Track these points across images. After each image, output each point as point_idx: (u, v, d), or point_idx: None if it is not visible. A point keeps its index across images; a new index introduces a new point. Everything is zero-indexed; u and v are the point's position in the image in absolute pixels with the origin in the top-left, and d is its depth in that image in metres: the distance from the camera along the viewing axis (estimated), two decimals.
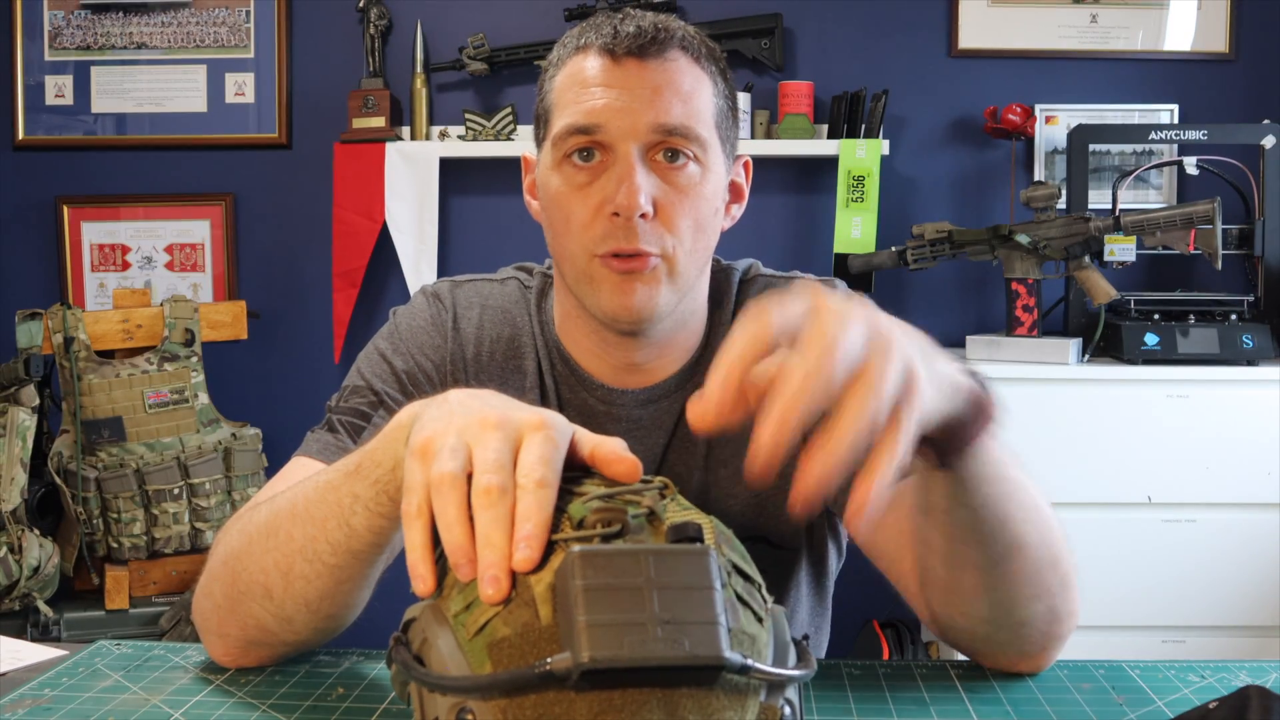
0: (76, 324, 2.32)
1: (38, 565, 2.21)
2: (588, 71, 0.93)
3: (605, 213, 0.92)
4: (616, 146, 0.92)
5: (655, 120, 0.91)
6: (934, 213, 2.74)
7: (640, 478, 0.59)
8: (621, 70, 0.92)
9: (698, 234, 0.95)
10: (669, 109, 0.91)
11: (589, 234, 0.93)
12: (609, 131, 0.91)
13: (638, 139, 0.91)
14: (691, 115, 0.92)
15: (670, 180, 0.93)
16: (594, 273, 0.93)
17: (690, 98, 0.93)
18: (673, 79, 0.92)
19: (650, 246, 0.92)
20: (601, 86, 0.92)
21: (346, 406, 1.00)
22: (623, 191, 0.90)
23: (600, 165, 0.93)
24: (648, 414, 1.02)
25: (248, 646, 0.82)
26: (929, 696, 0.80)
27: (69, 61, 2.79)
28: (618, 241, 0.91)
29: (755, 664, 0.51)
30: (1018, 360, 2.37)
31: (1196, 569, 2.27)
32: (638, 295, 0.93)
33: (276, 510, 0.77)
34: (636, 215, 0.90)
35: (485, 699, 0.51)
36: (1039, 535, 0.77)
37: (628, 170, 0.91)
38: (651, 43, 0.92)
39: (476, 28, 2.70)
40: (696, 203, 0.94)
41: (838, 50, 2.74)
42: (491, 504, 0.55)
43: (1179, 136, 2.51)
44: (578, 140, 0.92)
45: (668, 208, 0.92)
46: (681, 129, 0.92)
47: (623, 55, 0.92)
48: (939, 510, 0.74)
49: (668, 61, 0.93)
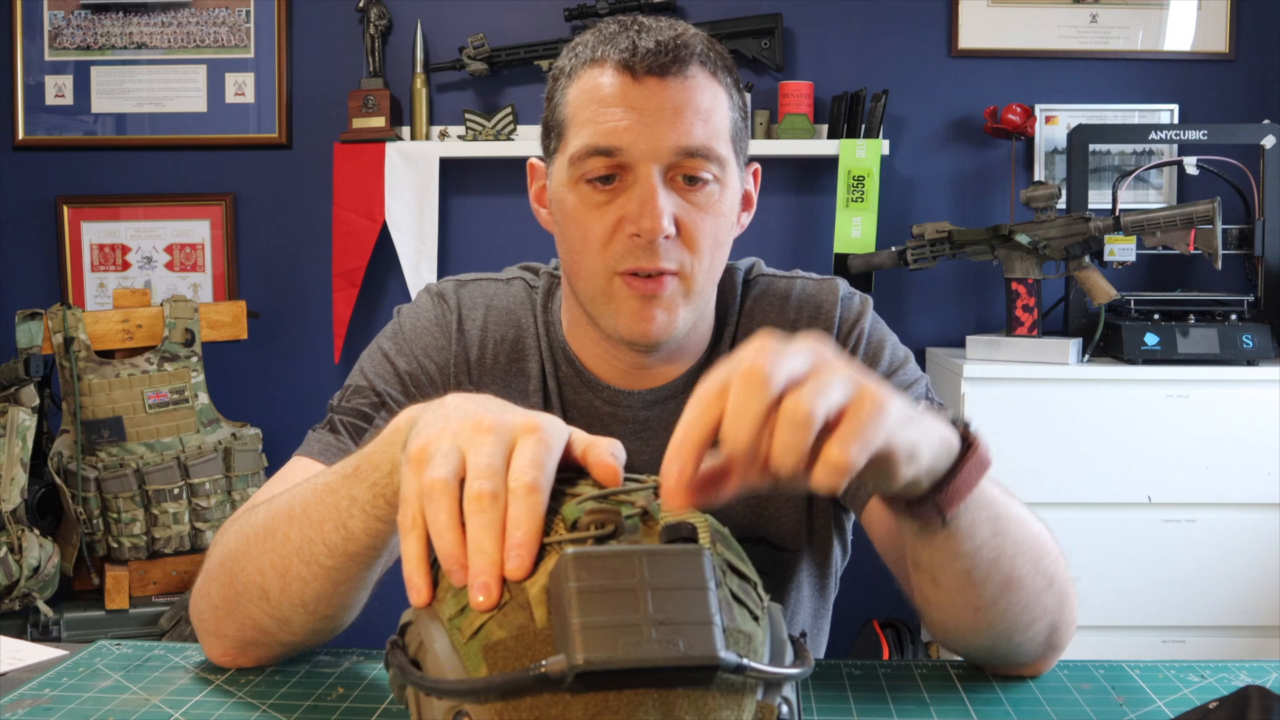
0: (76, 324, 2.32)
1: (38, 565, 2.21)
2: (606, 89, 0.91)
3: (625, 231, 0.91)
4: (638, 168, 0.90)
5: (678, 142, 0.90)
6: (934, 213, 2.74)
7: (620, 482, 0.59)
8: (642, 89, 0.90)
9: (716, 250, 0.95)
10: (691, 130, 0.90)
11: (609, 252, 0.92)
12: (630, 153, 0.90)
13: (659, 160, 0.90)
14: (712, 135, 0.91)
15: (690, 199, 0.92)
16: (613, 292, 0.93)
17: (710, 116, 0.92)
18: (692, 98, 0.91)
19: (670, 264, 0.91)
20: (621, 107, 0.90)
21: (348, 407, 0.99)
22: (646, 214, 0.89)
23: (619, 185, 0.92)
24: (654, 415, 1.02)
25: (245, 647, 0.82)
26: (929, 696, 0.80)
27: (69, 61, 2.79)
28: (638, 260, 0.91)
29: (751, 663, 0.51)
30: (1018, 360, 2.37)
31: (1196, 569, 2.27)
32: (656, 321, 0.92)
33: (274, 511, 0.77)
34: (660, 237, 0.90)
35: (481, 702, 0.51)
36: (1033, 564, 0.77)
37: (650, 192, 0.90)
38: (672, 61, 0.90)
39: (476, 28, 2.70)
40: (716, 220, 0.93)
41: (838, 50, 2.74)
42: (483, 510, 0.55)
43: (1179, 136, 2.51)
44: (598, 162, 0.91)
45: (689, 227, 0.92)
46: (703, 150, 0.91)
47: (643, 73, 0.90)
48: (935, 565, 0.75)
49: (687, 79, 0.91)
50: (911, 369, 1.03)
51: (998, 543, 0.73)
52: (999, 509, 0.74)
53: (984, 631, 0.79)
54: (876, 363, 1.01)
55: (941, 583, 0.76)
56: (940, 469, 0.67)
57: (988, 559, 0.73)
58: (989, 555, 0.73)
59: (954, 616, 0.79)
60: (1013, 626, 0.78)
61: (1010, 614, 0.77)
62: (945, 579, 0.75)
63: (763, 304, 1.04)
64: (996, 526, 0.73)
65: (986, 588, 0.75)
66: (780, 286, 1.05)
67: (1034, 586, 0.77)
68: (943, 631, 0.82)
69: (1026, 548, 0.76)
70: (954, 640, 0.82)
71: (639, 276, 0.92)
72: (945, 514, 0.68)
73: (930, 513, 0.68)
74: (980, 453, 0.68)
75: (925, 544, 0.73)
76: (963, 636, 0.81)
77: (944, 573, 0.75)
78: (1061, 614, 0.81)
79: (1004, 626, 0.78)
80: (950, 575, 0.74)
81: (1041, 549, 0.78)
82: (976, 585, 0.75)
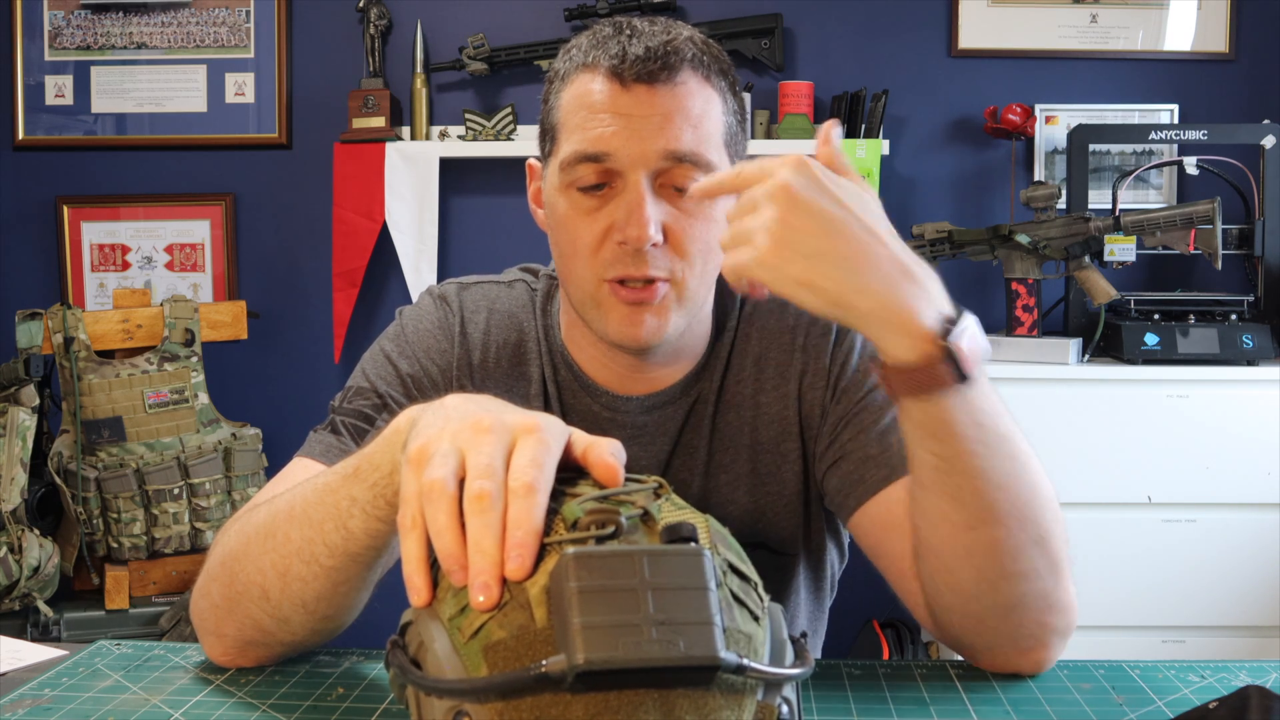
0: (76, 324, 2.32)
1: (38, 565, 2.21)
2: (595, 96, 0.91)
3: (614, 238, 0.91)
4: (626, 174, 0.90)
5: (665, 148, 0.89)
6: (934, 213, 2.74)
7: (620, 483, 0.59)
8: (630, 96, 0.90)
9: (708, 257, 0.93)
10: (679, 136, 0.90)
11: (597, 259, 0.92)
12: (618, 159, 0.90)
13: (647, 166, 0.90)
14: (701, 141, 0.91)
15: (680, 206, 0.91)
16: (602, 298, 0.93)
17: (700, 121, 0.91)
18: (682, 104, 0.90)
19: (659, 272, 0.91)
20: (609, 113, 0.90)
21: (350, 408, 0.99)
22: (633, 222, 0.89)
23: (609, 191, 0.92)
24: (652, 420, 1.02)
25: (245, 646, 0.82)
26: (929, 696, 0.80)
27: (69, 61, 2.79)
28: (626, 267, 0.91)
29: (751, 663, 0.51)
30: (1018, 360, 2.37)
31: (1196, 569, 2.27)
32: (646, 326, 0.92)
33: (275, 511, 0.77)
34: (647, 245, 0.90)
35: (481, 702, 0.51)
36: (1021, 508, 0.77)
37: (638, 200, 0.89)
38: (661, 68, 0.90)
39: (476, 28, 2.69)
40: (706, 226, 0.93)
41: (838, 50, 2.74)
42: (483, 510, 0.55)
43: (1179, 136, 2.51)
44: (586, 169, 0.91)
45: (678, 234, 0.91)
46: (691, 155, 0.90)
47: (631, 81, 0.90)
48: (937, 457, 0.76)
49: (677, 86, 0.90)
50: None
51: (979, 462, 0.75)
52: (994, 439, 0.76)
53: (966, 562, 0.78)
54: None
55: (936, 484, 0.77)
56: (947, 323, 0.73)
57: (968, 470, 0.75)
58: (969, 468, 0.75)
59: (936, 537, 0.79)
60: (998, 572, 0.78)
61: (993, 552, 0.77)
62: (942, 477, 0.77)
63: (762, 308, 1.04)
64: (1006, 446, 0.76)
65: (968, 506, 0.76)
66: None
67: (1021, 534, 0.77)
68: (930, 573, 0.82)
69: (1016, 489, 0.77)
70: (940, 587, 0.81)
71: (627, 285, 0.91)
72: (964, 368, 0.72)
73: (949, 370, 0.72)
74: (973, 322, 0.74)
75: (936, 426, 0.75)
76: (947, 571, 0.80)
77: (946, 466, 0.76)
78: (1055, 585, 0.80)
79: (987, 564, 0.78)
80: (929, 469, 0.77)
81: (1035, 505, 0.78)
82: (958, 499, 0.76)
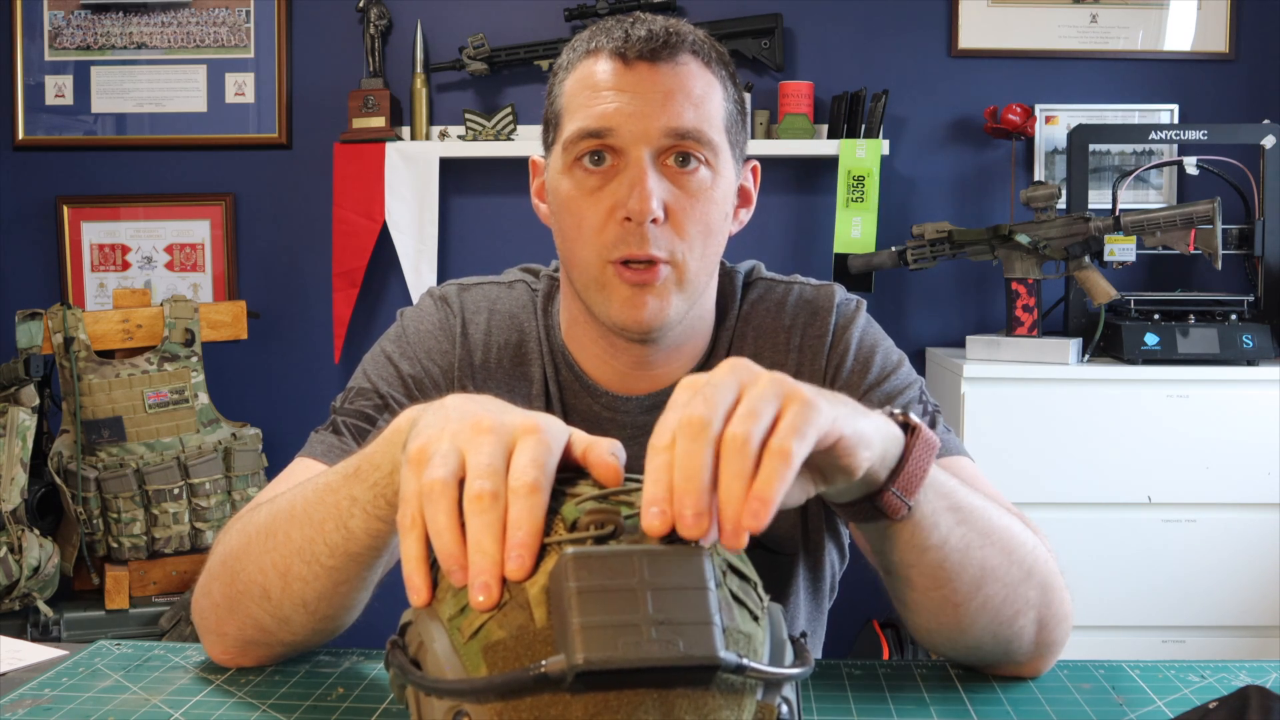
0: (76, 324, 2.32)
1: (38, 565, 2.21)
2: (598, 75, 0.92)
3: (617, 217, 0.91)
4: (628, 150, 0.91)
5: (667, 124, 0.91)
6: (934, 213, 2.74)
7: (622, 482, 0.59)
8: (633, 74, 0.91)
9: (708, 239, 0.94)
10: (681, 113, 0.91)
11: (601, 239, 0.92)
12: (620, 135, 0.91)
13: (649, 143, 0.91)
14: (703, 119, 0.92)
15: (681, 185, 0.92)
16: (606, 280, 0.93)
17: (702, 102, 0.92)
18: (684, 83, 0.92)
19: (660, 252, 0.91)
20: (613, 90, 0.91)
21: (351, 408, 0.99)
22: (635, 196, 0.90)
23: (611, 169, 0.92)
24: (652, 420, 1.01)
25: (245, 646, 0.82)
26: (929, 696, 0.80)
27: (69, 61, 2.79)
28: (629, 247, 0.91)
29: (751, 663, 0.51)
30: (1018, 360, 2.37)
31: (1196, 569, 2.27)
32: (649, 308, 0.92)
33: (276, 511, 0.77)
34: (649, 220, 0.90)
35: (481, 702, 0.51)
36: (1006, 554, 0.76)
37: (640, 174, 0.90)
38: (663, 46, 0.91)
39: (476, 28, 2.70)
40: (707, 207, 0.93)
41: (838, 50, 2.74)
42: (483, 510, 0.55)
43: (1179, 136, 2.51)
44: (589, 144, 0.92)
45: (679, 213, 0.92)
46: (694, 133, 0.91)
47: (634, 59, 0.91)
48: (906, 565, 0.74)
49: (679, 65, 0.92)
50: (904, 373, 1.02)
51: (964, 532, 0.73)
52: (960, 499, 0.74)
53: (968, 629, 0.78)
54: (868, 368, 1.01)
55: (915, 582, 0.75)
56: (892, 457, 0.67)
57: (957, 549, 0.73)
58: (957, 545, 0.73)
59: (934, 617, 0.78)
60: (995, 621, 0.78)
61: (990, 608, 0.76)
62: (918, 578, 0.75)
63: (760, 308, 1.04)
64: (960, 515, 0.73)
65: (961, 582, 0.74)
66: (778, 291, 1.06)
67: (1010, 577, 0.76)
68: (928, 635, 0.81)
69: (996, 537, 0.76)
70: (941, 644, 0.82)
71: (631, 267, 0.92)
72: (908, 500, 0.68)
73: (895, 502, 0.68)
74: (924, 435, 0.68)
75: (894, 544, 0.72)
76: (949, 637, 0.80)
77: (916, 571, 0.74)
78: (1048, 607, 0.80)
79: (986, 621, 0.77)
80: (922, 573, 0.74)
81: (1013, 539, 0.77)
82: (950, 579, 0.74)
